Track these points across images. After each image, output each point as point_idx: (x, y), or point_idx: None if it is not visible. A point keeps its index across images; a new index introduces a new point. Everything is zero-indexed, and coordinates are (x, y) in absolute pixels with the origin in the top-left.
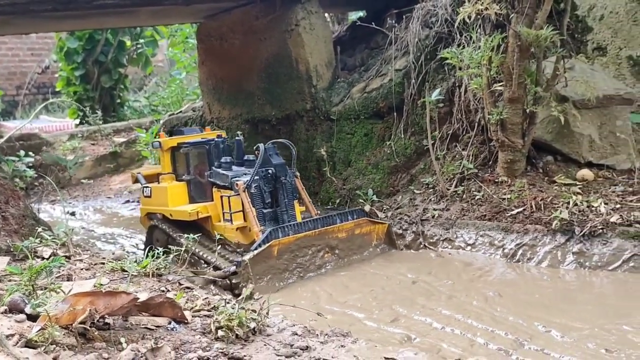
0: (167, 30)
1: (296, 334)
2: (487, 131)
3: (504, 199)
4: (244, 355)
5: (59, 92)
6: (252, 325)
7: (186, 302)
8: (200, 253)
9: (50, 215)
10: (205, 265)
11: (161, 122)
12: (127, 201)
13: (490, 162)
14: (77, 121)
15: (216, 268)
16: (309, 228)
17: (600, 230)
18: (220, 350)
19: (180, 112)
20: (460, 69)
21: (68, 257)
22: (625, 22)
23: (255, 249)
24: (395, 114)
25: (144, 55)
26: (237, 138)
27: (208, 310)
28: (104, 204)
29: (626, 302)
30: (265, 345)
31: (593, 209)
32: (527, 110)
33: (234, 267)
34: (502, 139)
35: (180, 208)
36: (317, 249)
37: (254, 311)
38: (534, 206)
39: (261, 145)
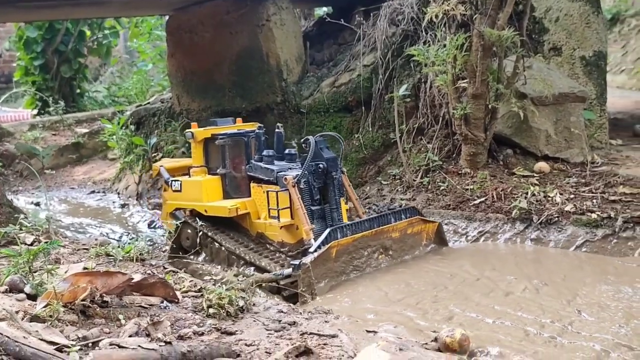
0: (127, 20)
1: (282, 312)
2: (452, 125)
3: (467, 189)
4: (236, 330)
5: (17, 82)
6: (241, 303)
7: (174, 284)
8: (243, 254)
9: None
10: (246, 266)
11: (128, 113)
12: (92, 192)
13: (454, 155)
14: (35, 111)
15: (262, 270)
16: (365, 228)
17: (556, 219)
18: (213, 326)
19: (148, 103)
20: (426, 65)
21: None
22: (578, 24)
23: (315, 250)
24: (363, 108)
25: (104, 45)
26: (277, 130)
27: (195, 292)
28: (69, 195)
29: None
30: (254, 321)
31: (549, 198)
32: (489, 106)
33: (290, 269)
34: (466, 133)
35: (216, 204)
36: (372, 250)
37: (243, 290)
38: (495, 196)
39: (311, 138)
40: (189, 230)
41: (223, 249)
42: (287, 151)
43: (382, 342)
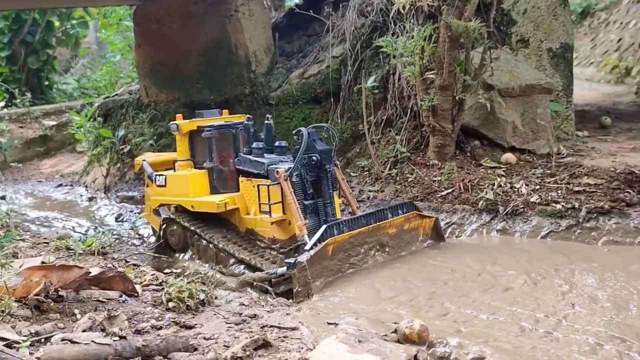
0: (96, 10)
1: (243, 305)
2: (419, 117)
3: (435, 180)
4: (195, 324)
5: None
6: (202, 296)
7: (135, 278)
8: (232, 251)
9: None
10: (236, 263)
11: (95, 105)
12: (60, 185)
13: (422, 146)
14: (2, 104)
15: (254, 268)
16: (362, 224)
17: (522, 209)
18: (172, 320)
19: (116, 95)
20: (394, 57)
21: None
22: (546, 16)
23: (311, 248)
24: (332, 99)
25: (73, 36)
26: (267, 122)
27: (156, 285)
28: (35, 188)
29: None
30: (215, 314)
31: (515, 190)
32: (457, 97)
33: (284, 268)
34: (433, 124)
35: (203, 199)
36: (369, 247)
37: (203, 283)
38: (462, 187)
39: (304, 130)
40: (175, 227)
41: (211, 246)
42: (277, 143)
43: (342, 334)
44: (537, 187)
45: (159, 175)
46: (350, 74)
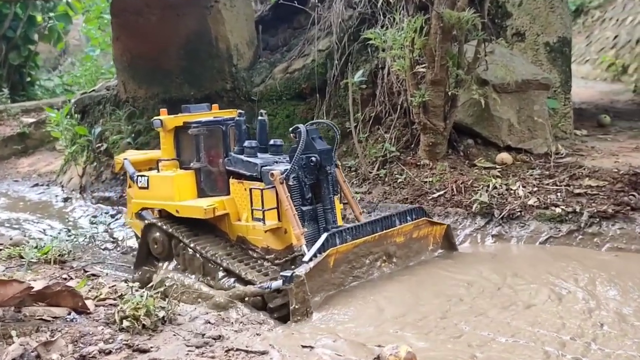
0: (80, 5)
1: (209, 322)
2: (410, 114)
3: (426, 182)
4: (151, 347)
5: None
6: (161, 314)
7: (90, 290)
8: (221, 262)
9: None
10: (226, 276)
11: (72, 101)
12: (36, 185)
13: (412, 145)
14: None
15: (245, 281)
16: (367, 232)
17: (518, 213)
18: (125, 342)
19: (93, 90)
20: (383, 50)
21: None
22: (542, 8)
23: (310, 259)
24: (317, 95)
25: (55, 31)
26: (260, 117)
27: (114, 299)
28: (10, 188)
29: None
30: (174, 335)
31: (512, 192)
32: (449, 93)
33: (280, 282)
34: (425, 122)
35: (190, 203)
36: (374, 258)
37: (164, 298)
38: (455, 189)
39: (302, 127)
40: (158, 234)
41: (197, 256)
42: (272, 142)
43: None
44: (535, 189)
45: (141, 175)
46: (336, 68)
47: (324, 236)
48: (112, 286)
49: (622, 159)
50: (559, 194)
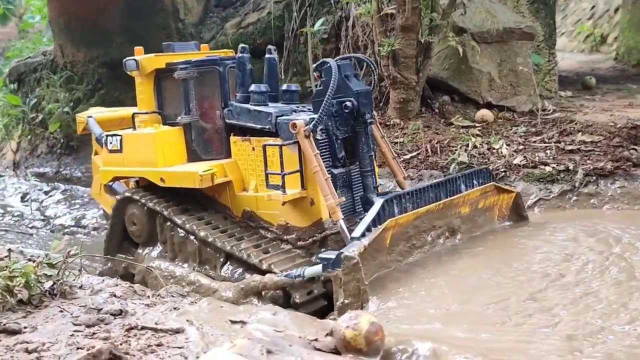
0: None
1: (114, 296)
2: (378, 68)
3: (397, 142)
4: (24, 327)
5: None
6: (47, 285)
7: None
8: (225, 246)
9: None
10: (230, 263)
11: (7, 71)
12: None
13: (381, 104)
14: None
15: (257, 270)
16: (430, 200)
17: (503, 173)
18: None
19: (29, 57)
20: None
21: None
22: None
23: (363, 234)
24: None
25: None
26: (268, 55)
27: None
28: None
29: None
30: (61, 311)
31: (494, 151)
32: (422, 41)
33: (319, 267)
34: (394, 75)
35: (179, 169)
36: (437, 234)
37: (52, 266)
38: (429, 150)
39: (331, 61)
40: (136, 211)
41: (191, 238)
42: (285, 87)
43: (242, 340)
44: (521, 147)
45: (112, 135)
46: (295, 21)
47: (379, 202)
48: (6, 256)
49: (618, 114)
50: (548, 151)
